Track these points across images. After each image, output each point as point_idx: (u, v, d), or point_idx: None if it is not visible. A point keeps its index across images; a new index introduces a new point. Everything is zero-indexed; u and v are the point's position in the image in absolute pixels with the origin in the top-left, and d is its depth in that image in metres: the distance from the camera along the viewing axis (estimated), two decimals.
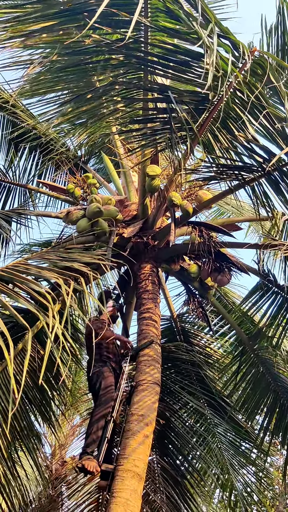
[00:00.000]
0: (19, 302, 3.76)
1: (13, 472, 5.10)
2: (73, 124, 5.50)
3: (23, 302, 3.77)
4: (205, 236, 5.59)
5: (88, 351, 5.35)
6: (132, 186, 6.47)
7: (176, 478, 6.60)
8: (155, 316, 5.30)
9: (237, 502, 7.00)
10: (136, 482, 4.18)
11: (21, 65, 4.99)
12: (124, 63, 4.48)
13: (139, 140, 5.15)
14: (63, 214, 5.81)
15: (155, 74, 4.67)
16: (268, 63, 4.17)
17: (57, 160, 7.10)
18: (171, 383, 6.69)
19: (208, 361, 7.36)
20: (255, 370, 6.71)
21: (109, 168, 7.07)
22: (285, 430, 6.48)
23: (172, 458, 6.80)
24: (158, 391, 4.80)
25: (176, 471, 6.69)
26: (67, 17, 4.16)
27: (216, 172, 5.13)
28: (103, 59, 4.45)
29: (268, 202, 5.07)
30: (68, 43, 4.14)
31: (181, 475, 6.73)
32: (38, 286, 3.94)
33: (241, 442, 7.15)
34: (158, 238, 5.78)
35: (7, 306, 3.65)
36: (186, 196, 5.86)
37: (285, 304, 6.22)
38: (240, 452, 7.06)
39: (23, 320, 3.52)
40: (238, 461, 6.93)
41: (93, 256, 4.66)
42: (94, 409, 4.73)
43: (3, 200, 7.30)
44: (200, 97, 4.47)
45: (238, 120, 4.56)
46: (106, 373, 4.90)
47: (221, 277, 5.74)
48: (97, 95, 4.75)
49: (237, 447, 7.01)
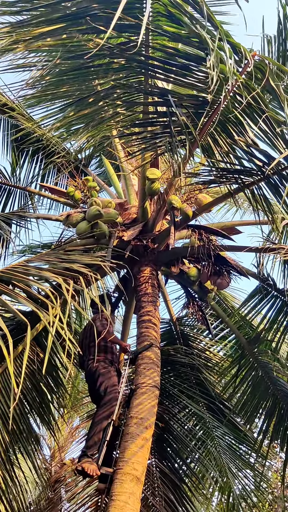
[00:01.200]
0: (19, 301, 3.77)
1: (12, 474, 5.09)
2: (73, 128, 5.52)
3: (23, 301, 3.78)
4: (205, 240, 5.61)
5: (86, 349, 5.18)
6: (132, 189, 6.49)
7: (174, 482, 6.59)
8: (155, 319, 5.30)
9: (235, 505, 7.00)
10: (135, 486, 4.18)
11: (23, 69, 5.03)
12: (125, 67, 4.50)
13: (139, 144, 5.16)
14: (63, 217, 5.83)
15: (155, 78, 4.70)
16: (268, 67, 4.19)
17: (58, 164, 7.12)
18: (170, 387, 6.69)
19: (207, 365, 7.37)
20: (254, 373, 6.72)
21: (109, 171, 7.09)
22: (284, 433, 6.48)
23: (171, 461, 6.79)
24: (158, 394, 4.80)
25: (174, 474, 6.68)
26: (69, 22, 4.17)
27: (216, 175, 5.15)
28: (105, 63, 4.47)
29: (268, 206, 5.09)
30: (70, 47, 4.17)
31: (180, 478, 6.72)
32: (40, 285, 3.97)
33: (240, 445, 7.15)
34: (158, 241, 5.79)
35: (6, 304, 3.66)
36: (186, 200, 5.87)
37: (285, 308, 6.24)
38: (238, 455, 7.06)
39: (22, 316, 3.53)
40: (236, 464, 6.93)
41: (93, 258, 4.67)
42: (97, 410, 4.72)
43: (3, 203, 7.31)
44: (200, 101, 4.49)
45: (238, 124, 4.58)
46: (111, 373, 4.88)
47: (221, 281, 5.76)
48: (98, 99, 4.77)
49: (235, 450, 7.00)
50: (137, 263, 5.64)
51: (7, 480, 5.03)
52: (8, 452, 5.00)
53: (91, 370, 4.92)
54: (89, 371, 4.95)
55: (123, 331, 6.44)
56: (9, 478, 5.06)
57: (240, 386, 6.84)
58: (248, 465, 7.01)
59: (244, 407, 6.84)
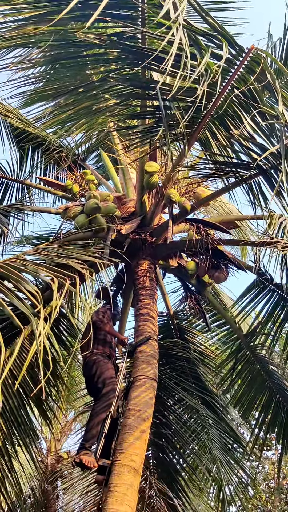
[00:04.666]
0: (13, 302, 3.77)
1: (10, 466, 5.12)
2: (69, 122, 5.50)
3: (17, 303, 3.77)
4: (203, 233, 5.62)
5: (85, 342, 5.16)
6: (130, 183, 6.49)
7: (170, 473, 6.66)
8: (153, 313, 5.32)
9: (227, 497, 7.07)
10: (133, 477, 4.23)
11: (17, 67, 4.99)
12: (121, 58, 4.47)
13: (134, 138, 5.16)
14: (61, 210, 5.83)
15: (151, 70, 4.67)
16: (263, 60, 4.17)
17: (56, 157, 7.11)
18: (166, 379, 6.72)
19: (203, 358, 7.40)
20: (251, 367, 6.76)
21: (107, 165, 7.08)
22: (280, 426, 6.54)
23: (166, 453, 6.85)
24: (155, 387, 4.83)
25: (169, 465, 6.74)
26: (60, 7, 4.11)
27: (213, 169, 5.16)
28: (99, 53, 4.43)
29: (265, 200, 5.11)
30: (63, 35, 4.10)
31: (174, 470, 6.78)
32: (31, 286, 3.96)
33: (235, 439, 7.21)
34: (156, 235, 5.80)
35: (4, 306, 3.68)
36: (184, 193, 5.88)
37: (281, 302, 6.27)
38: (234, 448, 7.13)
39: (18, 321, 3.56)
40: (231, 456, 6.99)
41: (91, 253, 4.68)
42: (95, 403, 4.75)
43: (0, 196, 7.31)
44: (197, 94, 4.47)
45: (235, 118, 4.58)
46: (108, 365, 4.91)
47: (218, 274, 5.77)
48: (93, 90, 4.74)
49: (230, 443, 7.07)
50: (135, 256, 5.66)
51: (5, 472, 5.07)
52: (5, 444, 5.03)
53: (88, 362, 4.94)
54: (86, 363, 4.98)
55: (120, 324, 6.45)
56: (7, 471, 5.10)
57: (237, 379, 6.88)
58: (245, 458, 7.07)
59: (241, 399, 6.90)
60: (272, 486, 11.19)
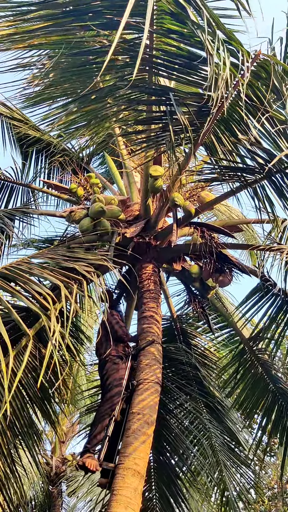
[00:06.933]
0: (22, 301, 3.80)
1: (13, 468, 5.12)
2: (75, 126, 5.52)
3: (26, 301, 3.81)
4: (207, 237, 5.63)
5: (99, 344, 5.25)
6: (135, 187, 6.51)
7: (170, 477, 6.64)
8: (157, 316, 5.33)
9: (229, 502, 7.05)
10: (137, 481, 4.23)
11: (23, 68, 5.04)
12: (129, 65, 4.51)
13: (140, 142, 5.18)
14: (66, 213, 5.84)
15: (159, 76, 4.70)
16: (272, 66, 4.20)
17: (61, 161, 7.14)
18: (168, 382, 6.72)
19: (206, 362, 7.40)
20: (254, 371, 6.75)
21: (112, 168, 7.10)
22: (282, 430, 6.53)
23: (167, 457, 6.84)
24: (159, 391, 4.84)
25: (170, 470, 6.73)
26: (72, 17, 4.17)
27: (219, 173, 5.17)
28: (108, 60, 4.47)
29: (270, 205, 5.11)
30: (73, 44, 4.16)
31: (175, 474, 6.77)
32: (40, 287, 3.98)
33: (238, 443, 7.20)
34: (160, 238, 5.81)
35: (10, 310, 3.69)
36: (189, 197, 5.89)
37: (285, 306, 6.26)
38: (236, 452, 7.12)
39: (24, 325, 3.58)
40: (233, 461, 6.98)
41: (96, 256, 4.69)
42: (100, 405, 4.77)
43: (6, 200, 7.33)
44: (203, 99, 4.50)
45: (241, 123, 4.60)
46: (119, 366, 4.92)
47: (222, 278, 5.78)
48: (101, 96, 4.78)
49: (232, 448, 7.05)
50: (140, 260, 5.66)
51: (8, 474, 5.06)
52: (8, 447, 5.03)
53: (101, 364, 4.98)
54: (100, 365, 5.01)
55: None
56: (10, 473, 5.09)
57: (240, 383, 6.87)
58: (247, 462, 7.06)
59: (244, 403, 6.88)
60: (276, 490, 11.17)
